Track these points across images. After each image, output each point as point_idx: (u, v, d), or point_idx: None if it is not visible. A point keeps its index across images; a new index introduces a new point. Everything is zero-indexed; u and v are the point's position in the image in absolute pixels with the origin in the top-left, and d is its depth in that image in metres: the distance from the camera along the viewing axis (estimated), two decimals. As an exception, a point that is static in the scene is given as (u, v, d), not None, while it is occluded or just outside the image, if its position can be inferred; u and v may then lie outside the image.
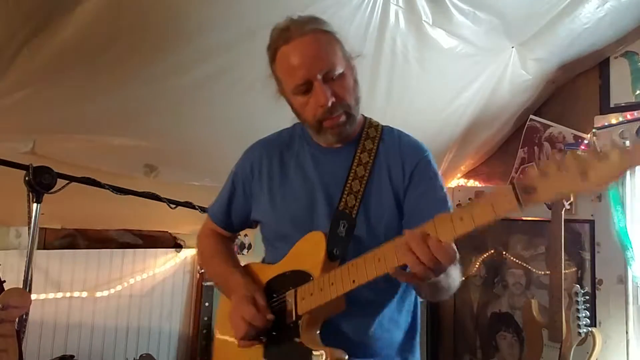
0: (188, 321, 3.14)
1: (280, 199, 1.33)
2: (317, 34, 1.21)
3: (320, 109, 1.20)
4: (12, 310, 1.24)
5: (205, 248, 1.53)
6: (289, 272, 1.25)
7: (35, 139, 2.01)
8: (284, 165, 1.36)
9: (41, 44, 1.60)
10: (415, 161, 1.30)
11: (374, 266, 1.04)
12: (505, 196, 0.89)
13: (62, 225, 2.73)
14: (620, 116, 2.83)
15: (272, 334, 1.22)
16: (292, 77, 1.22)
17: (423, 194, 1.27)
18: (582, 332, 2.49)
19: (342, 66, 1.21)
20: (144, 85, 1.93)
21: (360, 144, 1.31)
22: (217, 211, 1.48)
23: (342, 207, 1.25)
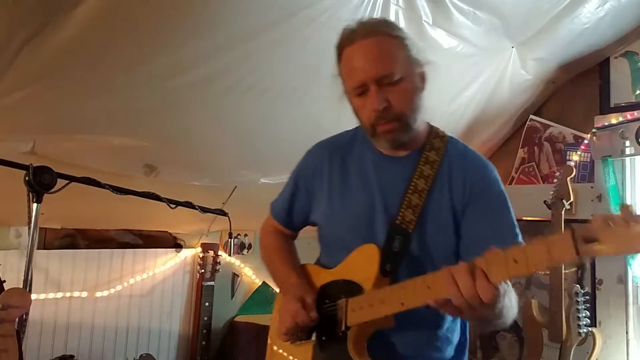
0: (188, 321, 3.14)
1: (338, 204, 1.33)
2: (381, 38, 1.20)
3: (373, 114, 1.20)
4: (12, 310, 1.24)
5: (267, 244, 1.56)
6: (342, 280, 1.27)
7: (35, 139, 2.01)
8: (345, 169, 1.36)
9: (41, 44, 1.60)
10: (478, 178, 1.26)
11: (423, 293, 1.04)
12: (562, 243, 0.87)
13: (62, 225, 2.72)
14: (620, 116, 2.83)
15: (322, 339, 1.26)
16: (350, 79, 1.23)
17: (484, 215, 1.23)
18: (582, 332, 2.49)
19: (402, 72, 1.19)
20: (144, 85, 1.93)
21: (424, 155, 1.28)
22: (279, 209, 1.50)
23: (399, 221, 1.23)
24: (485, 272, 0.93)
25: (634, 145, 2.74)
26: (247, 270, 3.41)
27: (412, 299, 1.06)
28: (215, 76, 2.01)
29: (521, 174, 3.33)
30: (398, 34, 1.23)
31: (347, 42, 1.23)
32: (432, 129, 1.34)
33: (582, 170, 2.98)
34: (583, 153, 3.00)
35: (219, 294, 3.10)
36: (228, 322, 3.27)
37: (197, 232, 3.17)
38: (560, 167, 2.95)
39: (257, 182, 2.68)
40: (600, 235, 0.83)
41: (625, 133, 2.79)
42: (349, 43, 1.23)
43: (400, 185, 1.26)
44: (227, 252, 3.15)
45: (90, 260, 2.77)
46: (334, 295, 1.27)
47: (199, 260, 3.07)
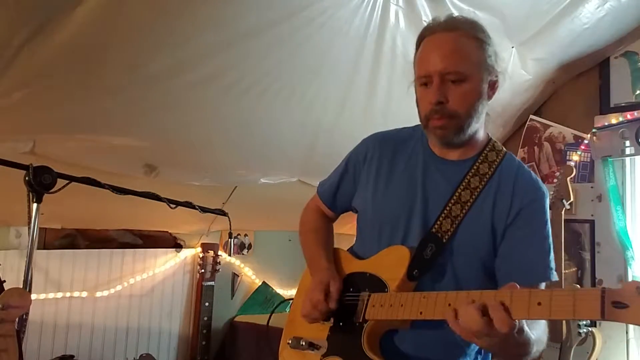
0: (188, 321, 3.14)
1: (381, 195, 1.34)
2: (460, 34, 1.21)
3: (429, 106, 1.20)
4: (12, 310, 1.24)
5: (307, 221, 1.58)
6: (368, 274, 1.29)
7: (35, 139, 2.01)
8: (394, 163, 1.36)
9: (41, 44, 1.60)
10: (527, 200, 1.22)
11: (442, 308, 1.04)
12: (590, 302, 0.85)
13: (62, 225, 2.72)
14: (620, 116, 2.83)
15: (339, 324, 1.29)
16: (419, 67, 1.24)
17: (524, 242, 1.21)
18: (582, 332, 2.48)
19: (470, 74, 1.18)
20: (144, 85, 1.93)
21: (475, 165, 1.26)
22: (327, 189, 1.51)
23: (435, 229, 1.22)
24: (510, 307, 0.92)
25: (634, 145, 2.74)
26: (247, 270, 3.42)
27: (430, 311, 1.07)
28: (215, 76, 2.01)
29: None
30: (479, 36, 1.23)
31: (429, 32, 1.25)
32: (490, 141, 1.31)
33: (582, 170, 2.98)
34: (583, 153, 3.00)
35: (219, 294, 3.10)
36: (228, 322, 3.28)
37: (197, 232, 3.17)
38: (560, 167, 2.95)
39: (257, 182, 2.68)
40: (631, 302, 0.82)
41: (625, 133, 2.79)
42: (430, 33, 1.24)
43: (445, 192, 1.25)
44: (227, 252, 3.15)
45: (90, 260, 2.77)
46: (358, 286, 1.30)
47: (199, 260, 3.07)
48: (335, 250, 1.47)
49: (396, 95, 2.52)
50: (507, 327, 0.91)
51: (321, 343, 1.32)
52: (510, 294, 0.94)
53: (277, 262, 3.48)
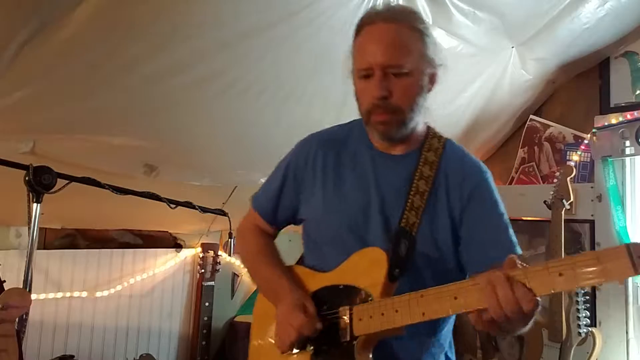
0: (188, 321, 3.14)
1: (332, 201, 1.27)
2: (401, 26, 1.17)
3: (372, 101, 1.17)
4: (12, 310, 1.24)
5: (249, 245, 1.43)
6: (342, 286, 1.19)
7: (35, 139, 2.01)
8: (340, 163, 1.30)
9: (41, 44, 1.60)
10: (475, 181, 1.24)
11: (449, 303, 1.00)
12: (618, 260, 0.82)
13: (62, 225, 2.72)
14: (620, 116, 2.83)
15: (322, 348, 1.17)
16: (359, 59, 1.20)
17: (482, 220, 1.22)
18: (582, 332, 2.48)
19: (412, 67, 1.16)
20: (144, 85, 1.93)
21: (423, 155, 1.25)
22: (265, 202, 1.39)
23: (404, 223, 1.18)
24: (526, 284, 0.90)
25: (634, 145, 2.74)
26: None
27: (435, 309, 1.02)
28: (215, 76, 2.01)
29: (521, 174, 3.32)
30: (420, 28, 1.20)
31: (368, 20, 1.20)
32: (429, 130, 1.32)
33: (582, 170, 2.98)
34: (583, 153, 3.00)
35: (219, 294, 3.10)
36: (228, 322, 3.27)
37: (197, 232, 3.17)
38: (560, 167, 2.95)
39: (256, 182, 2.67)
40: None
41: (625, 133, 2.78)
42: (369, 22, 1.19)
43: (401, 187, 1.22)
44: (227, 252, 3.14)
45: (90, 260, 2.77)
46: (332, 301, 1.19)
47: (199, 260, 3.07)
48: (290, 268, 1.35)
49: (396, 95, 2.52)
50: (532, 304, 0.89)
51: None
52: (524, 273, 0.91)
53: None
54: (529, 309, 0.89)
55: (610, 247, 0.86)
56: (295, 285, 1.26)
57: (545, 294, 0.90)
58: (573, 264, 0.87)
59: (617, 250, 0.83)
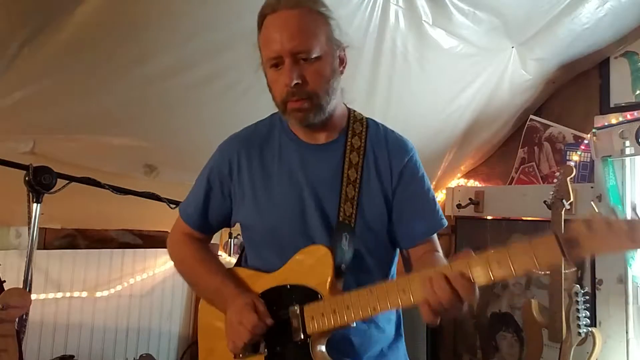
0: (188, 321, 3.14)
1: (265, 201, 1.24)
2: (304, 11, 1.15)
3: (285, 89, 1.15)
4: (12, 310, 1.24)
5: (183, 257, 1.40)
6: (289, 285, 1.18)
7: (35, 139, 2.01)
8: (265, 162, 1.27)
9: (41, 44, 1.60)
10: (403, 160, 1.25)
11: (397, 297, 1.04)
12: (548, 247, 0.90)
13: (62, 225, 2.72)
14: (620, 116, 2.83)
15: (275, 350, 1.17)
16: (266, 49, 1.16)
17: (413, 195, 1.24)
18: (582, 332, 2.48)
19: (321, 51, 1.14)
20: (145, 85, 1.93)
21: (348, 142, 1.24)
22: (192, 213, 1.35)
23: (342, 217, 1.18)
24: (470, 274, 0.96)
25: (634, 145, 2.74)
26: (247, 270, 3.41)
27: (385, 303, 1.05)
28: (215, 76, 2.01)
29: (521, 174, 3.32)
30: (323, 11, 1.18)
31: (269, 9, 1.16)
32: (350, 113, 1.31)
33: (582, 170, 2.98)
34: (583, 153, 3.00)
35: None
36: (228, 322, 3.27)
37: (197, 232, 3.17)
38: (560, 167, 2.95)
39: (257, 182, 2.67)
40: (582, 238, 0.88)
41: (625, 133, 2.78)
42: (270, 11, 1.16)
43: (332, 178, 1.21)
44: (227, 252, 3.14)
45: (90, 260, 2.77)
46: (281, 302, 1.18)
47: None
48: (231, 270, 1.32)
49: (396, 95, 2.52)
50: (472, 294, 0.96)
51: None
52: (467, 263, 0.97)
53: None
54: (469, 298, 0.96)
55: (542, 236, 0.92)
56: (242, 288, 1.24)
57: (485, 283, 0.96)
58: (507, 254, 0.95)
59: (548, 239, 0.91)
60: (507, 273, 0.94)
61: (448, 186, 3.61)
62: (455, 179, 3.66)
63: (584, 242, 0.88)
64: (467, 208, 3.37)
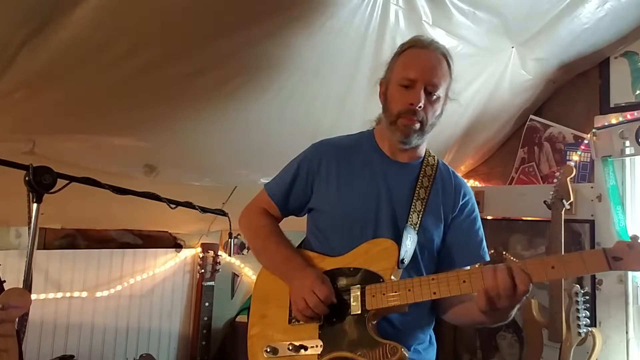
0: (188, 321, 3.14)
1: (346, 193, 1.43)
2: (444, 60, 1.40)
3: (407, 106, 1.35)
4: (12, 310, 1.24)
5: (259, 225, 1.55)
6: (352, 268, 1.35)
7: (35, 139, 2.01)
8: (351, 165, 1.47)
9: (41, 44, 1.60)
10: (466, 196, 1.50)
11: (458, 286, 1.22)
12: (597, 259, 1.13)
13: (62, 225, 2.73)
14: (620, 116, 2.83)
15: (331, 320, 1.31)
16: (406, 70, 1.38)
17: (467, 228, 1.48)
18: (582, 332, 2.49)
19: (442, 94, 1.40)
20: (144, 85, 1.93)
21: (423, 168, 1.49)
22: (277, 190, 1.54)
23: (410, 222, 1.39)
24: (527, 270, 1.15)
25: (634, 145, 2.74)
26: (247, 270, 3.41)
27: (445, 289, 1.23)
28: (215, 76, 2.01)
29: (521, 174, 3.33)
30: (450, 62, 1.42)
31: (419, 44, 1.41)
32: (426, 150, 1.54)
33: (582, 170, 2.98)
34: (583, 153, 3.00)
35: (219, 294, 3.10)
36: (228, 322, 3.28)
37: (197, 232, 3.17)
38: (560, 167, 2.95)
39: (256, 182, 2.67)
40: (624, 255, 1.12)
41: (625, 133, 2.79)
42: (417, 45, 1.41)
43: (407, 191, 1.44)
44: (227, 252, 3.15)
45: (90, 260, 2.77)
46: (343, 281, 1.35)
47: (199, 260, 3.07)
48: (300, 251, 1.49)
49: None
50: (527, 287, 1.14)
51: (313, 343, 1.31)
52: (524, 264, 1.17)
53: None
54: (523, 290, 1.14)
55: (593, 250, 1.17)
56: (311, 264, 1.41)
57: (539, 281, 1.16)
58: (561, 259, 1.17)
59: (597, 252, 1.14)
60: (560, 274, 1.16)
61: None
62: (455, 179, 3.66)
63: (626, 259, 1.11)
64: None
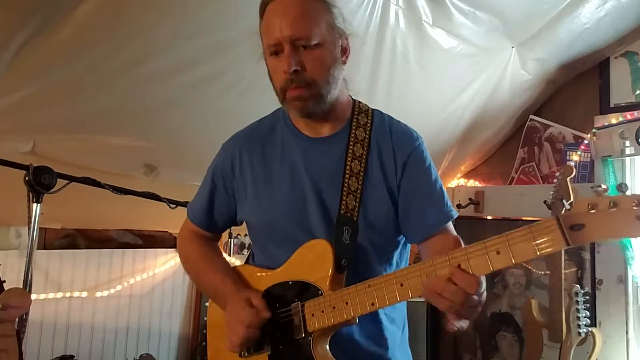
0: (188, 321, 3.14)
1: (267, 197, 1.23)
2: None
3: (284, 76, 1.12)
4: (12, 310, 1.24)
5: (189, 254, 1.39)
6: (291, 282, 1.17)
7: (35, 139, 2.01)
8: (266, 157, 1.25)
9: (41, 44, 1.60)
10: (408, 151, 1.21)
11: (395, 291, 1.00)
12: (549, 232, 0.84)
13: (62, 225, 2.73)
14: (620, 116, 2.83)
15: (278, 348, 1.15)
16: (267, 36, 1.14)
17: (419, 187, 1.19)
18: (582, 332, 2.48)
19: (322, 38, 1.11)
20: (144, 85, 1.93)
21: (352, 133, 1.21)
22: (198, 212, 1.36)
23: (344, 210, 1.15)
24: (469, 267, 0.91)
25: (634, 145, 2.74)
26: (247, 270, 3.41)
27: (383, 298, 1.02)
28: (215, 76, 2.01)
29: (521, 174, 3.32)
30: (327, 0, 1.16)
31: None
32: (354, 104, 1.28)
33: (582, 170, 2.98)
34: (583, 153, 3.00)
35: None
36: (228, 322, 3.27)
37: (197, 232, 3.17)
38: (560, 167, 2.95)
39: (257, 182, 2.67)
40: (586, 221, 0.80)
41: (625, 133, 2.78)
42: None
43: (334, 170, 1.18)
44: (227, 252, 3.14)
45: (90, 260, 2.77)
46: (284, 298, 1.16)
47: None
48: (237, 268, 1.31)
49: (396, 94, 2.52)
50: (475, 286, 0.90)
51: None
52: (465, 254, 0.92)
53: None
54: (474, 291, 0.91)
55: (543, 219, 0.86)
56: (241, 285, 1.23)
57: (484, 273, 0.92)
58: (507, 240, 0.88)
59: (549, 223, 0.84)
60: (506, 262, 0.88)
61: (448, 186, 3.60)
62: (455, 179, 3.67)
63: (589, 225, 0.80)
64: (467, 208, 3.37)
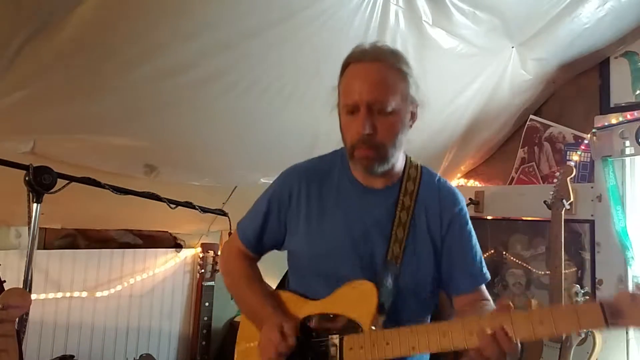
0: (188, 321, 3.14)
1: (318, 234, 1.31)
2: (386, 66, 1.22)
3: (357, 136, 1.21)
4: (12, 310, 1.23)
5: (232, 269, 1.47)
6: (332, 314, 1.23)
7: (35, 139, 2.00)
8: (322, 197, 1.34)
9: (41, 44, 1.60)
10: (453, 211, 1.33)
11: (437, 340, 1.08)
12: (593, 314, 0.95)
13: (62, 225, 2.72)
14: (620, 116, 2.83)
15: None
16: (345, 95, 1.24)
17: (461, 248, 1.31)
18: (582, 332, 2.48)
19: (396, 106, 1.21)
20: (144, 85, 1.93)
21: (403, 186, 1.31)
22: (249, 233, 1.42)
23: (390, 256, 1.24)
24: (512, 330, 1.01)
25: (634, 145, 2.74)
26: (247, 270, 3.41)
27: (424, 344, 1.09)
28: (215, 76, 2.01)
29: (521, 174, 3.32)
30: (403, 68, 1.25)
31: (354, 59, 1.25)
32: (407, 159, 1.37)
33: (582, 170, 2.98)
34: (583, 153, 3.00)
35: (219, 294, 3.09)
36: (228, 322, 3.27)
37: (197, 232, 3.17)
38: (560, 167, 2.95)
39: (256, 182, 2.67)
40: (627, 309, 0.94)
41: (625, 133, 2.79)
42: (355, 61, 1.25)
43: (385, 221, 1.28)
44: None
45: (90, 260, 2.77)
46: (322, 328, 1.23)
47: (199, 260, 3.07)
48: (276, 293, 1.40)
49: (396, 95, 2.51)
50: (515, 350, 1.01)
51: None
52: (510, 318, 1.02)
53: (277, 261, 3.47)
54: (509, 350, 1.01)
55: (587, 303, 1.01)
56: (279, 310, 1.31)
57: (525, 340, 1.02)
58: (551, 313, 1.00)
59: (593, 306, 0.96)
60: (549, 333, 0.99)
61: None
62: (455, 179, 3.67)
63: (628, 314, 0.93)
64: (467, 208, 3.36)
